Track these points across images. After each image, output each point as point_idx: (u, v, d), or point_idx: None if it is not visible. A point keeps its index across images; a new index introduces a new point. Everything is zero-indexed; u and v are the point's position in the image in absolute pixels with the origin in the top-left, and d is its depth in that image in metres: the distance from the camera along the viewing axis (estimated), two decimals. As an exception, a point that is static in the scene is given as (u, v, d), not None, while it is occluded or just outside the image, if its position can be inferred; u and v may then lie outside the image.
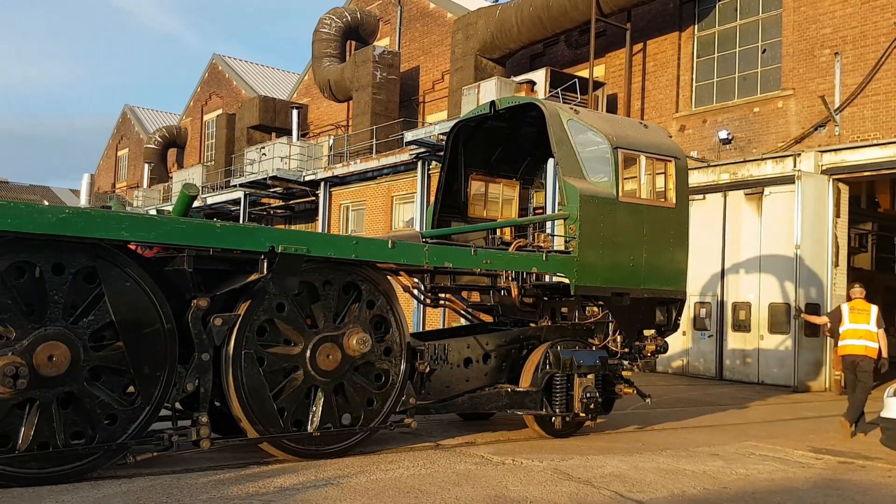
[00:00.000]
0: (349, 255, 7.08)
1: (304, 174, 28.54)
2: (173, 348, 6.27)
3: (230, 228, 6.44)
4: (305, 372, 6.94)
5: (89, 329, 5.93)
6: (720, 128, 19.08)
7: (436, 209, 10.32)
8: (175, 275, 6.31)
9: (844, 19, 17.02)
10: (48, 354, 5.65)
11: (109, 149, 58.09)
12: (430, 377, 7.85)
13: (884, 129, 16.21)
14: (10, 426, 5.61)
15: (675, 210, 9.24)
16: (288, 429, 6.83)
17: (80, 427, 5.93)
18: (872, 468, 7.71)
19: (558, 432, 8.67)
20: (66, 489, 5.57)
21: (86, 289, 5.97)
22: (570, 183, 8.45)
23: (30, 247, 5.66)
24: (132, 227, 5.91)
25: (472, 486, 6.07)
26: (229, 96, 42.97)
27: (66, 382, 5.77)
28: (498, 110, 9.71)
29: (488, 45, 23.72)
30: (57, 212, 5.61)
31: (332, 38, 31.27)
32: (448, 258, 7.79)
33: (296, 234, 7.13)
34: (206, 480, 5.95)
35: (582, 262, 8.38)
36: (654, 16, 21.04)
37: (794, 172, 16.86)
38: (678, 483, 6.53)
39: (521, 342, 8.72)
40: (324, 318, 7.12)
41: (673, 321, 9.53)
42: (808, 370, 16.38)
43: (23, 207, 5.46)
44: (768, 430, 10.24)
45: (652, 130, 9.68)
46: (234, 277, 6.64)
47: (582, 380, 8.49)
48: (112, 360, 6.05)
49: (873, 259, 24.95)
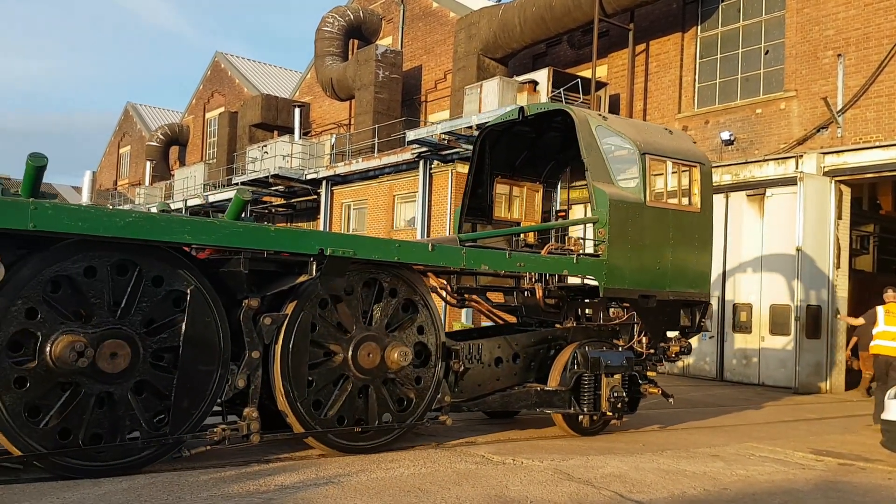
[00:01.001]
0: (392, 258, 7.31)
1: (306, 173, 28.55)
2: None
3: (283, 232, 6.71)
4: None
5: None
6: (722, 129, 19.08)
7: (462, 211, 10.61)
8: (229, 276, 6.58)
9: (848, 21, 17.01)
10: (111, 351, 5.89)
11: (111, 146, 58.13)
12: (463, 376, 8.09)
13: (886, 130, 16.20)
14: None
15: (699, 214, 9.49)
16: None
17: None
18: (873, 470, 7.71)
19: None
20: (67, 486, 5.58)
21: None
22: (600, 188, 8.67)
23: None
24: (194, 231, 6.15)
25: (472, 486, 6.08)
26: (231, 94, 43.00)
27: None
28: (526, 116, 9.90)
29: (491, 45, 23.72)
30: (124, 216, 5.87)
31: (335, 36, 31.28)
32: (484, 261, 8.02)
33: (342, 237, 7.34)
34: (207, 478, 5.96)
35: (611, 265, 8.60)
36: (657, 16, 21.03)
37: (796, 174, 16.85)
38: (678, 484, 6.53)
39: (549, 342, 8.94)
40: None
41: (697, 323, 9.72)
42: (810, 372, 16.37)
43: (92, 212, 5.72)
44: (769, 431, 10.24)
45: (677, 136, 9.94)
46: (283, 278, 6.86)
47: (609, 380, 8.70)
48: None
49: (875, 261, 24.93)
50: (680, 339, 9.61)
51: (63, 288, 5.84)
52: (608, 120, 9.23)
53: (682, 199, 9.35)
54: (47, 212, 5.47)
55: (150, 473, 6.07)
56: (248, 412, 6.57)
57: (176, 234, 6.06)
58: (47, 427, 5.73)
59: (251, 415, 6.57)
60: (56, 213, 5.52)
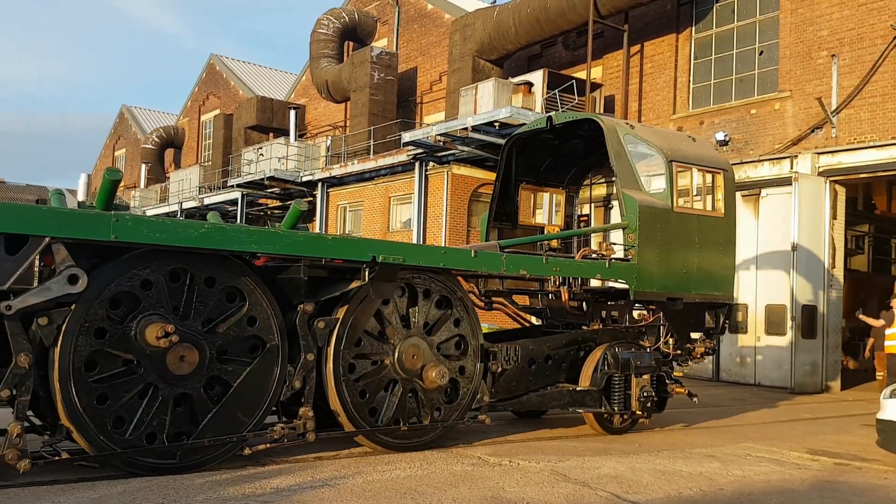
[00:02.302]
0: (438, 264, 7.61)
1: (302, 175, 28.53)
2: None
3: (340, 240, 7.07)
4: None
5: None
6: (717, 129, 19.11)
7: (490, 217, 10.92)
8: (287, 282, 6.86)
9: (842, 21, 17.06)
10: (181, 354, 6.17)
11: (106, 148, 58.00)
12: (499, 376, 8.34)
13: (880, 131, 16.25)
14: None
15: (723, 219, 9.79)
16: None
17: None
18: (869, 470, 7.73)
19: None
20: (62, 489, 5.56)
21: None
22: (629, 194, 8.95)
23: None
24: (260, 241, 6.44)
25: (468, 488, 6.07)
26: (227, 96, 42.94)
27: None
28: (555, 125, 10.19)
29: (486, 47, 23.73)
30: (198, 227, 6.17)
31: (330, 38, 31.27)
32: (523, 266, 8.25)
33: (393, 244, 7.49)
34: (203, 481, 5.95)
35: (641, 269, 8.86)
36: (652, 17, 21.06)
37: (790, 174, 16.89)
38: (674, 484, 6.54)
39: (579, 344, 9.18)
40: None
41: (721, 324, 9.97)
42: (806, 372, 16.40)
43: (169, 223, 6.03)
44: (765, 431, 10.25)
45: (699, 143, 10.28)
46: (335, 284, 7.12)
47: (639, 380, 8.95)
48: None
49: (870, 261, 25.00)
50: (705, 340, 9.90)
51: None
52: (635, 129, 9.54)
53: (706, 205, 9.65)
54: (128, 224, 5.79)
55: (146, 477, 6.06)
56: (304, 412, 6.84)
57: (244, 243, 6.37)
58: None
59: (307, 414, 6.83)
60: (136, 225, 5.84)
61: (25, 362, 5.49)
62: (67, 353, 5.73)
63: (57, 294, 5.58)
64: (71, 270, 5.60)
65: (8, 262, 5.39)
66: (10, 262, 5.40)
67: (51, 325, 5.63)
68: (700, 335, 9.89)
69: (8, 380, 5.49)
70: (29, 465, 5.50)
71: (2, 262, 5.37)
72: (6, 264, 5.38)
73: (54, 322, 5.65)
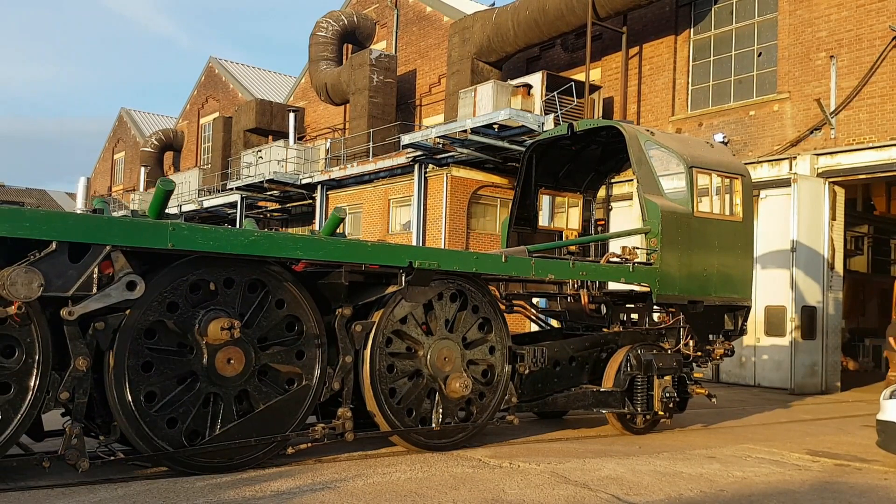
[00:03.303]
0: (471, 269, 7.79)
1: (301, 177, 28.53)
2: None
3: (379, 247, 7.21)
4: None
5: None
6: (716, 131, 19.12)
7: (510, 221, 11.13)
8: (328, 287, 7.08)
9: (840, 23, 17.08)
10: (228, 357, 6.40)
11: (106, 152, 57.99)
12: (526, 378, 8.54)
13: (879, 132, 16.26)
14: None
15: (741, 223, 9.99)
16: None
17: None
18: (869, 471, 7.72)
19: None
20: (62, 493, 5.56)
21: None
22: (651, 200, 9.15)
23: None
24: (305, 247, 6.68)
25: (469, 490, 6.07)
26: (226, 99, 42.95)
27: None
28: (576, 132, 10.43)
29: (485, 49, 23.75)
30: (248, 234, 6.39)
31: (329, 41, 31.28)
32: (551, 270, 8.43)
33: (428, 250, 7.74)
34: (203, 484, 5.95)
35: (663, 273, 9.08)
36: (650, 19, 21.08)
37: (789, 175, 16.90)
38: (675, 486, 6.53)
39: (601, 346, 9.37)
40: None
41: (740, 326, 10.17)
42: (805, 373, 16.40)
43: (221, 232, 6.26)
44: (765, 432, 10.25)
45: (718, 149, 10.50)
46: (372, 288, 7.37)
47: (661, 381, 9.13)
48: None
49: (869, 262, 25.03)
50: (724, 342, 10.03)
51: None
52: (655, 135, 9.75)
53: (725, 210, 9.84)
54: (183, 232, 6.03)
55: (146, 480, 6.06)
56: (342, 412, 7.06)
57: (290, 250, 6.61)
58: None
59: (345, 414, 7.05)
60: (191, 234, 6.08)
61: (84, 365, 5.71)
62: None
63: (116, 300, 5.81)
64: (129, 277, 5.84)
65: (71, 269, 5.60)
66: (74, 270, 5.61)
67: (107, 330, 5.86)
68: (720, 337, 10.08)
69: (67, 382, 5.70)
70: (88, 465, 5.72)
71: (66, 270, 5.58)
72: (70, 272, 5.60)
73: (110, 326, 5.88)
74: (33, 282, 5.35)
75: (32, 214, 5.46)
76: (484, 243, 23.49)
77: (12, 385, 5.59)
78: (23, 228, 5.38)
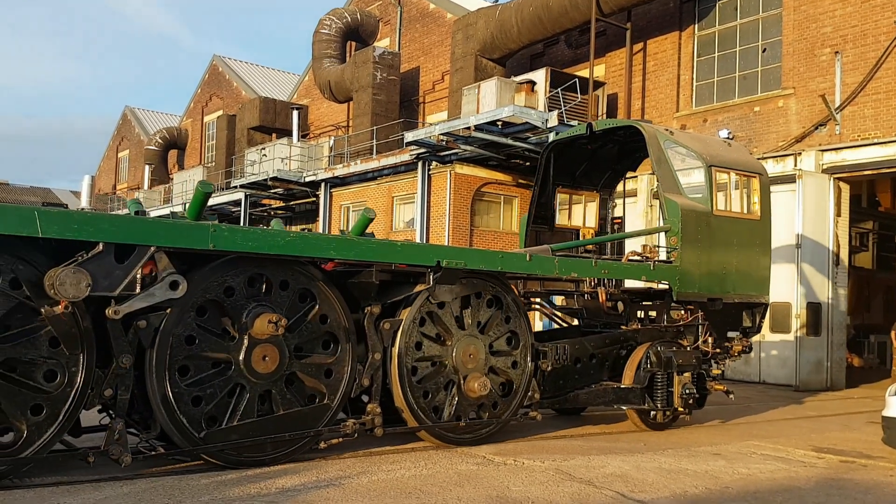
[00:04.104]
0: (496, 267, 7.91)
1: (305, 175, 28.54)
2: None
3: (408, 246, 7.40)
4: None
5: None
6: (721, 127, 19.06)
7: (529, 220, 11.25)
8: (356, 286, 7.24)
9: (844, 18, 17.02)
10: (264, 354, 6.55)
11: (110, 150, 58.10)
12: (548, 374, 8.66)
13: (884, 127, 16.20)
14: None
15: (759, 221, 10.08)
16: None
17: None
18: (874, 467, 7.71)
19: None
20: (67, 490, 5.57)
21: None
22: (671, 199, 9.26)
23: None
24: (338, 248, 6.88)
25: (473, 487, 6.07)
26: (230, 97, 42.98)
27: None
28: (595, 131, 10.53)
29: (488, 46, 23.72)
30: (284, 236, 6.60)
31: (332, 38, 31.27)
32: (574, 269, 8.57)
33: (455, 249, 7.81)
34: (208, 482, 5.95)
35: (683, 271, 9.19)
36: (655, 15, 21.03)
37: (794, 171, 16.86)
38: (680, 483, 6.52)
39: (621, 343, 9.45)
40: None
41: (757, 323, 10.27)
42: (810, 369, 16.37)
43: (260, 233, 6.41)
44: (770, 429, 10.24)
45: (735, 148, 10.59)
46: (400, 287, 7.51)
47: (681, 377, 9.21)
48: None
49: (874, 258, 24.96)
50: (741, 339, 10.13)
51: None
52: (674, 135, 9.85)
53: (744, 208, 9.92)
54: (224, 233, 6.22)
55: (151, 477, 6.07)
56: (372, 408, 7.23)
57: (325, 250, 6.82)
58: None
59: (374, 410, 7.22)
60: (231, 235, 6.27)
61: (127, 363, 5.90)
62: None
63: (160, 299, 5.97)
64: (172, 277, 6.00)
65: (117, 269, 5.78)
66: (120, 270, 5.79)
67: (148, 328, 6.03)
68: (737, 333, 10.16)
69: (110, 380, 5.90)
70: (131, 460, 5.88)
71: (112, 270, 5.75)
72: (116, 272, 5.77)
73: (152, 325, 6.04)
74: (81, 282, 5.49)
75: (81, 217, 5.63)
76: (487, 240, 23.48)
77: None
78: (71, 230, 5.54)
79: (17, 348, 5.60)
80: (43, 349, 5.69)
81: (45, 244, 5.62)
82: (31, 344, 5.66)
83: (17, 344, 5.60)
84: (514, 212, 24.39)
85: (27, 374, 5.67)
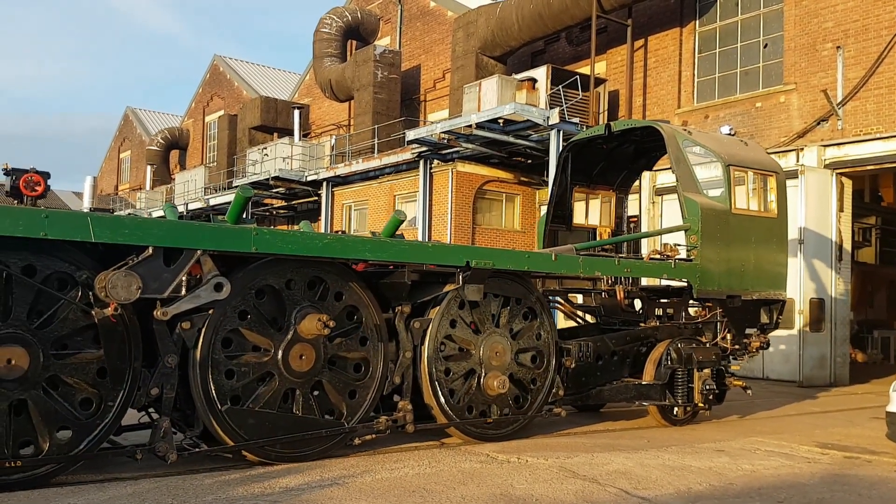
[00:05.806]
0: (523, 267, 8.04)
1: (307, 174, 28.55)
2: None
3: (439, 247, 7.58)
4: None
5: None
6: (722, 123, 19.04)
7: (547, 219, 11.39)
8: (388, 286, 7.44)
9: (846, 13, 16.98)
10: (300, 353, 6.73)
11: (112, 151, 58.18)
12: (571, 371, 8.81)
13: (887, 122, 16.17)
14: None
15: (776, 219, 10.24)
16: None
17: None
18: (879, 463, 7.70)
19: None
20: (72, 491, 5.58)
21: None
22: (690, 198, 9.40)
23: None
24: (373, 249, 7.04)
25: (477, 485, 6.07)
26: (231, 97, 43.01)
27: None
28: (613, 132, 10.69)
29: (489, 43, 23.69)
30: (322, 238, 6.78)
31: (333, 37, 31.27)
32: (597, 268, 8.72)
33: (483, 250, 7.92)
34: (212, 481, 5.96)
35: (703, 269, 9.32)
36: (655, 11, 21.00)
37: (796, 167, 16.82)
38: (684, 479, 6.52)
39: (641, 340, 9.57)
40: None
41: (775, 320, 10.38)
42: (814, 365, 16.34)
43: (298, 236, 6.62)
44: (774, 425, 10.23)
45: (751, 147, 10.70)
46: (430, 287, 7.68)
47: (701, 374, 9.35)
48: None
49: (877, 253, 24.89)
50: (759, 335, 10.25)
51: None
52: (693, 135, 9.96)
53: (761, 206, 10.03)
54: (265, 237, 6.40)
55: (155, 477, 6.08)
56: (403, 405, 7.40)
57: (360, 252, 6.95)
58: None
59: (406, 407, 7.38)
60: (272, 238, 6.44)
61: (173, 362, 6.09)
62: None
63: (205, 301, 6.17)
64: (217, 279, 6.20)
65: (166, 272, 5.98)
66: (168, 273, 5.99)
67: (192, 329, 6.20)
68: (755, 330, 10.29)
69: (156, 379, 6.07)
70: (176, 457, 6.05)
71: (161, 273, 5.95)
72: (164, 275, 5.97)
73: (195, 325, 6.21)
74: (132, 285, 5.70)
75: (131, 222, 5.81)
76: (490, 238, 23.47)
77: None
78: (122, 235, 5.73)
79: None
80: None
81: (92, 248, 5.81)
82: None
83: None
84: (515, 209, 24.39)
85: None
